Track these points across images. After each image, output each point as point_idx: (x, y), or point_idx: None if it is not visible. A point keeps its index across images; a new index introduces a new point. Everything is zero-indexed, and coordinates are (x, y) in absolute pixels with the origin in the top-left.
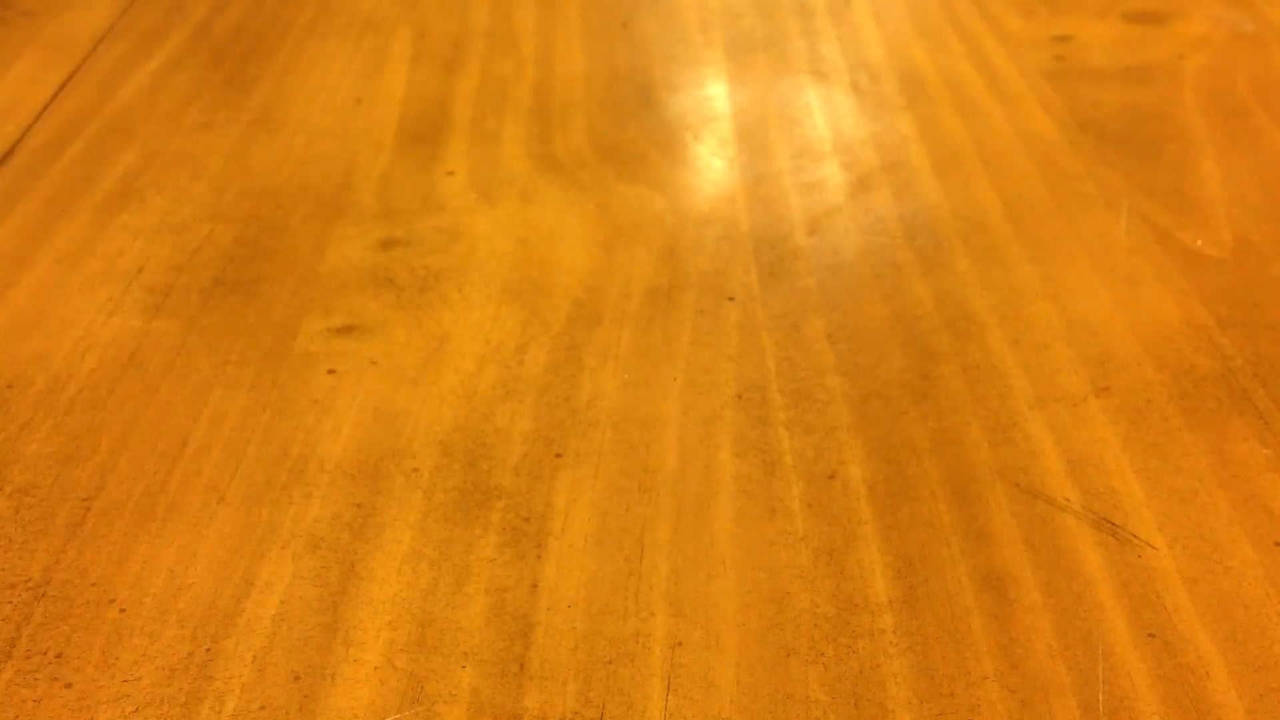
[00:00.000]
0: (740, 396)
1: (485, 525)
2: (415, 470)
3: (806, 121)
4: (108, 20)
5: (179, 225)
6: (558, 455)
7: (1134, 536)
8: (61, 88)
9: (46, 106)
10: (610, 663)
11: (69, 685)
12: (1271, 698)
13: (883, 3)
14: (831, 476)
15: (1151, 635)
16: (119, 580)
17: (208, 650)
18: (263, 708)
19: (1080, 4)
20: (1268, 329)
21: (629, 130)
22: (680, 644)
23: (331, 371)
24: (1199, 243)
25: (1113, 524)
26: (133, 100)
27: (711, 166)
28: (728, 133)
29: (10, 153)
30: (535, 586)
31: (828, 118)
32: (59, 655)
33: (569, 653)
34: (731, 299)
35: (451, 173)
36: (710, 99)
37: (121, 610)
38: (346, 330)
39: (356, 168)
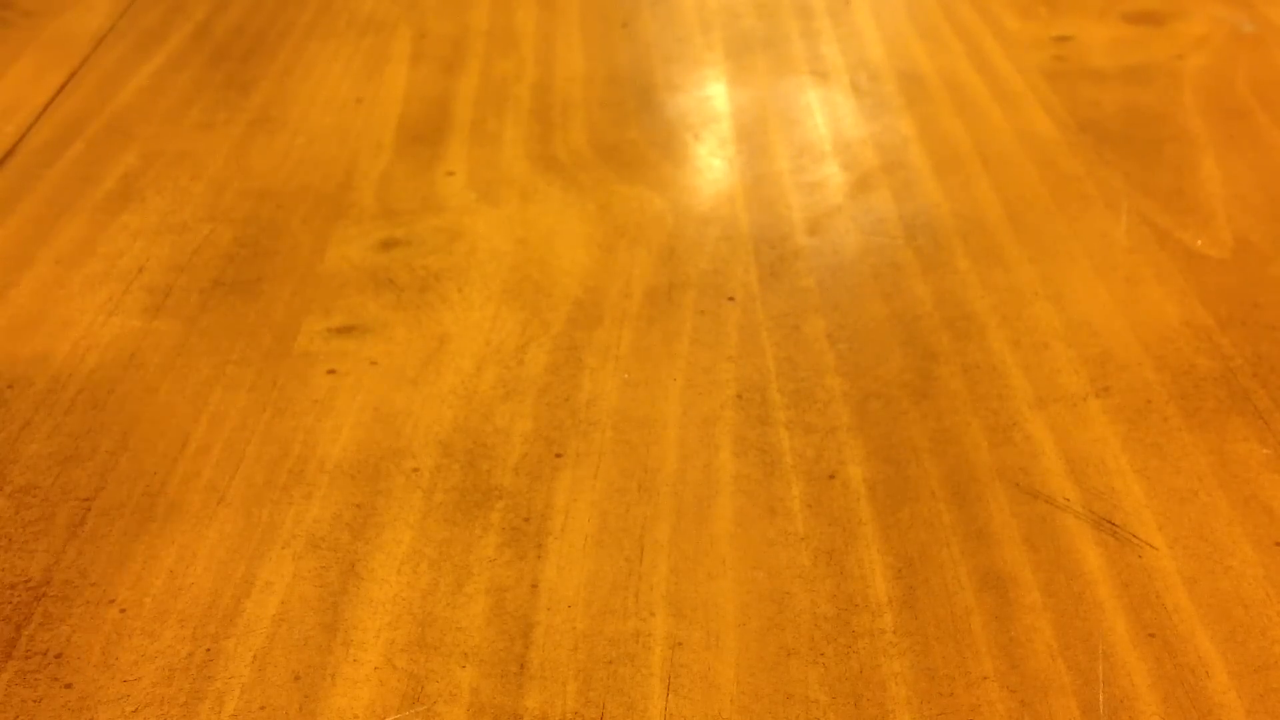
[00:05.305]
0: (740, 396)
1: (485, 525)
2: (415, 470)
3: (806, 121)
4: (108, 20)
5: (179, 225)
6: (558, 455)
7: (1134, 536)
8: (61, 88)
9: (46, 107)
10: (610, 663)
11: (69, 685)
12: (1271, 698)
13: (883, 3)
14: (831, 476)
15: (1151, 635)
16: (119, 580)
17: (208, 650)
18: (263, 708)
19: (1080, 4)
20: (1268, 329)
21: (629, 130)
22: (680, 644)
23: (331, 371)
24: (1199, 243)
25: (1113, 524)
26: (133, 100)
27: (711, 166)
28: (728, 133)
29: (10, 153)
30: (535, 586)
31: (828, 118)
32: (59, 655)
33: (569, 653)
34: (731, 299)
35: (451, 173)
36: (710, 99)
37: (121, 610)
38: (346, 330)
39: (356, 168)
